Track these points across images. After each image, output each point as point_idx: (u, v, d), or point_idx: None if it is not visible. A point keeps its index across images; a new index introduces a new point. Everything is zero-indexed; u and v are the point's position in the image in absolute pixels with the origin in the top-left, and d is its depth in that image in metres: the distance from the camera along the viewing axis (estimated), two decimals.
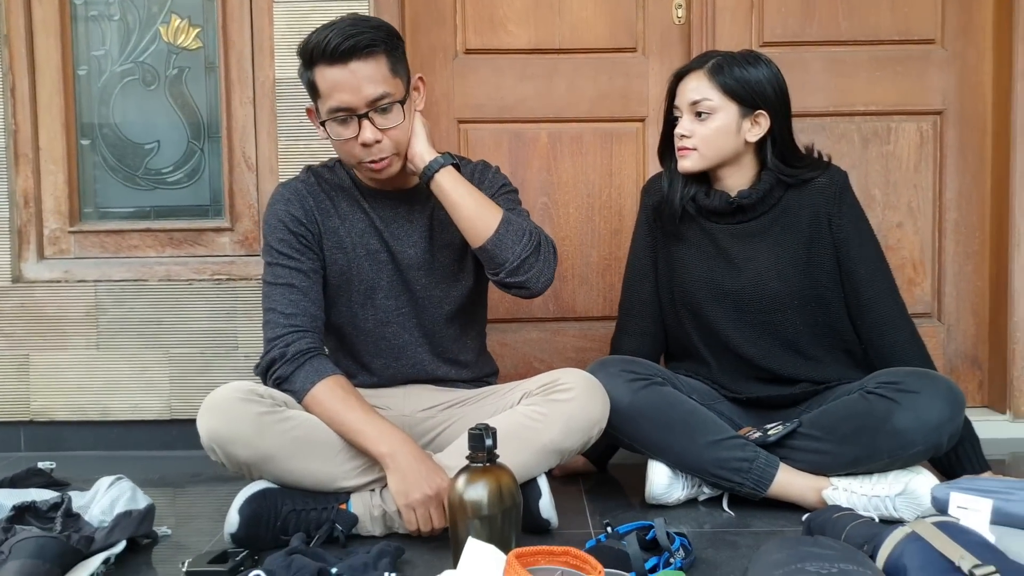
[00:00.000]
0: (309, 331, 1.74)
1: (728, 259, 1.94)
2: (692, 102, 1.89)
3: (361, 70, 1.65)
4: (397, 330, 1.85)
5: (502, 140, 2.50)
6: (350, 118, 1.68)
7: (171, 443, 2.41)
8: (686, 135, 1.90)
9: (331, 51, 1.63)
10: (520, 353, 2.52)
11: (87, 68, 2.47)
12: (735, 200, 1.92)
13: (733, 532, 1.70)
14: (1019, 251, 2.39)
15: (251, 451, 1.61)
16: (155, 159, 2.50)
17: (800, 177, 1.92)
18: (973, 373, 2.53)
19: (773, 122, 1.90)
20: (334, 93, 1.66)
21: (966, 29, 2.47)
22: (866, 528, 1.43)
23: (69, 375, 2.42)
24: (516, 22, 2.48)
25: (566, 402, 1.68)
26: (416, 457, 1.62)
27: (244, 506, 1.60)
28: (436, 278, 1.85)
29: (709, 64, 1.90)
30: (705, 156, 1.90)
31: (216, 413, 1.61)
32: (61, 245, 2.47)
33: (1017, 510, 1.40)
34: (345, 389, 1.69)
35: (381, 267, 1.83)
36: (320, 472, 1.65)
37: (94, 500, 1.69)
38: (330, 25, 1.66)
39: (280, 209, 1.81)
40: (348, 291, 1.83)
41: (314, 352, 1.72)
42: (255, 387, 1.66)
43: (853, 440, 1.73)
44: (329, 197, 1.84)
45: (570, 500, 1.91)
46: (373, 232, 1.83)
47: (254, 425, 1.60)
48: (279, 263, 1.78)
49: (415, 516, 1.59)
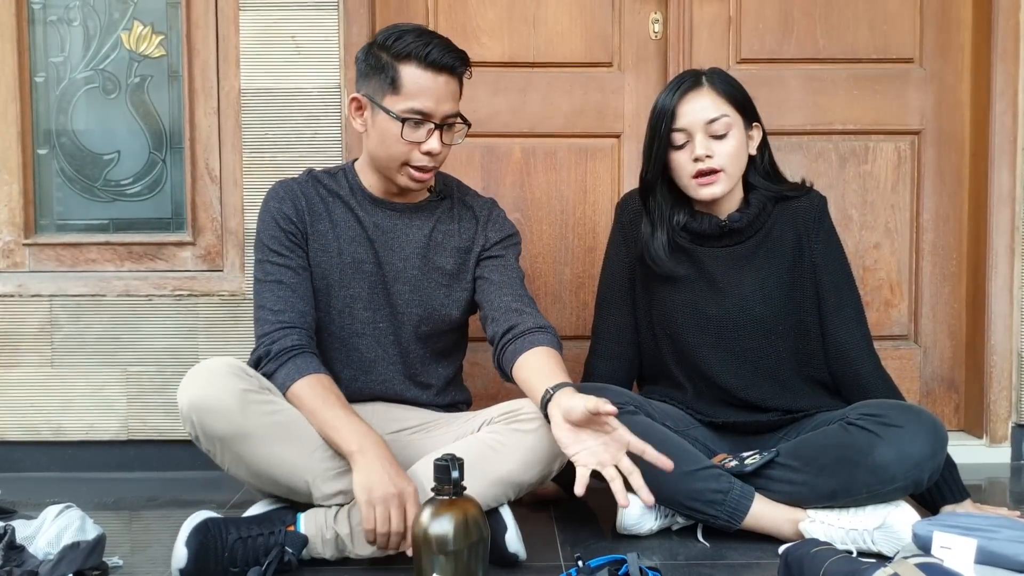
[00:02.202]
0: (297, 327, 1.73)
1: (712, 283, 1.90)
2: (709, 120, 1.81)
3: (449, 85, 1.74)
4: (370, 343, 1.83)
5: (475, 155, 2.45)
6: (423, 123, 1.72)
7: (127, 464, 2.33)
8: (709, 155, 1.80)
9: (433, 59, 1.70)
10: (491, 373, 2.44)
11: (45, 75, 2.39)
12: (726, 224, 1.87)
13: (708, 564, 1.65)
14: (996, 273, 2.37)
15: (230, 426, 1.58)
16: (115, 170, 2.42)
17: (784, 193, 1.89)
18: (950, 396, 2.51)
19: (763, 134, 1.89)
20: (420, 96, 1.71)
21: (945, 49, 2.45)
22: (846, 564, 1.39)
23: (21, 393, 2.33)
24: (490, 34, 2.43)
25: (528, 433, 1.64)
26: (386, 458, 1.57)
27: (191, 538, 1.54)
28: (420, 296, 1.84)
29: (706, 78, 1.84)
30: (731, 176, 1.83)
31: (200, 382, 1.59)
32: (15, 258, 2.38)
33: (1001, 549, 1.37)
34: (326, 387, 1.67)
35: (364, 277, 1.82)
36: (294, 463, 1.61)
37: (40, 530, 1.61)
38: (426, 33, 1.73)
39: (273, 206, 1.81)
40: (327, 297, 1.82)
41: (298, 349, 1.70)
42: (244, 365, 1.64)
43: (831, 472, 1.69)
44: (323, 201, 1.84)
45: (539, 528, 1.85)
46: (363, 241, 1.82)
47: (238, 399, 1.57)
48: (269, 260, 1.78)
49: (375, 514, 1.52)
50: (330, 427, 1.61)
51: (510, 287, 1.82)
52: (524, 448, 1.63)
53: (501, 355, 1.74)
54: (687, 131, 1.82)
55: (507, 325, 1.74)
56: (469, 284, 1.87)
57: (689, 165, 1.83)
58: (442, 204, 1.89)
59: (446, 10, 2.42)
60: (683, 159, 1.84)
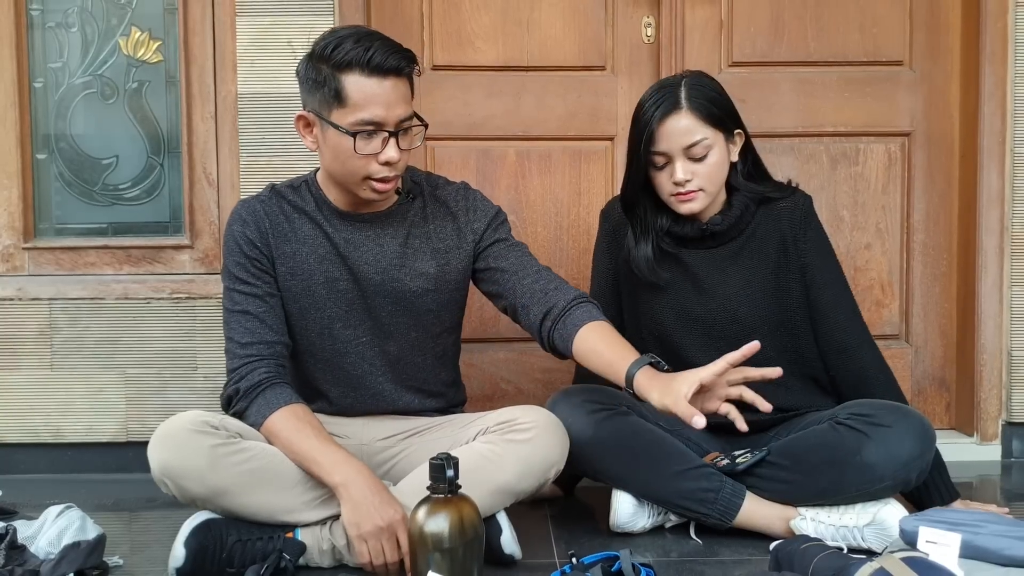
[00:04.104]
0: (265, 358, 1.70)
1: (697, 285, 1.91)
2: (687, 146, 1.81)
3: (398, 88, 1.64)
4: (355, 360, 1.80)
5: (470, 158, 2.47)
6: (375, 133, 1.64)
7: (126, 466, 2.34)
8: (687, 179, 1.81)
9: (377, 63, 1.60)
10: (487, 374, 2.48)
11: (44, 80, 2.41)
12: (707, 227, 1.89)
13: (700, 561, 1.68)
14: (986, 273, 2.40)
15: (203, 486, 1.56)
16: (113, 174, 2.44)
17: (766, 194, 1.90)
18: (940, 395, 2.53)
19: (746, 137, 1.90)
20: (368, 106, 1.62)
21: (934, 51, 2.47)
22: (834, 559, 1.41)
23: (21, 396, 2.34)
24: (484, 39, 2.45)
25: (523, 443, 1.64)
26: (371, 488, 1.57)
27: (190, 539, 1.56)
28: (404, 306, 1.79)
29: (684, 98, 1.81)
30: (710, 193, 1.85)
31: (168, 445, 1.57)
32: (15, 262, 2.40)
33: (986, 544, 1.39)
34: (300, 417, 1.64)
35: (340, 296, 1.77)
36: (276, 505, 1.60)
37: (41, 531, 1.63)
38: (365, 36, 1.64)
39: (237, 230, 1.76)
40: (302, 320, 1.78)
41: (267, 383, 1.67)
42: (208, 418, 1.61)
43: (821, 471, 1.71)
44: (288, 219, 1.78)
45: (534, 526, 1.87)
46: (334, 257, 1.77)
47: (207, 458, 1.55)
48: (236, 288, 1.74)
49: (367, 548, 1.54)
50: (309, 460, 1.59)
51: (524, 268, 1.78)
52: (520, 458, 1.63)
53: (551, 342, 1.70)
54: (666, 155, 1.83)
55: (543, 310, 1.71)
56: (460, 283, 1.83)
57: (669, 185, 1.84)
58: (413, 206, 1.81)
59: (440, 15, 2.44)
60: (663, 179, 1.85)
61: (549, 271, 1.79)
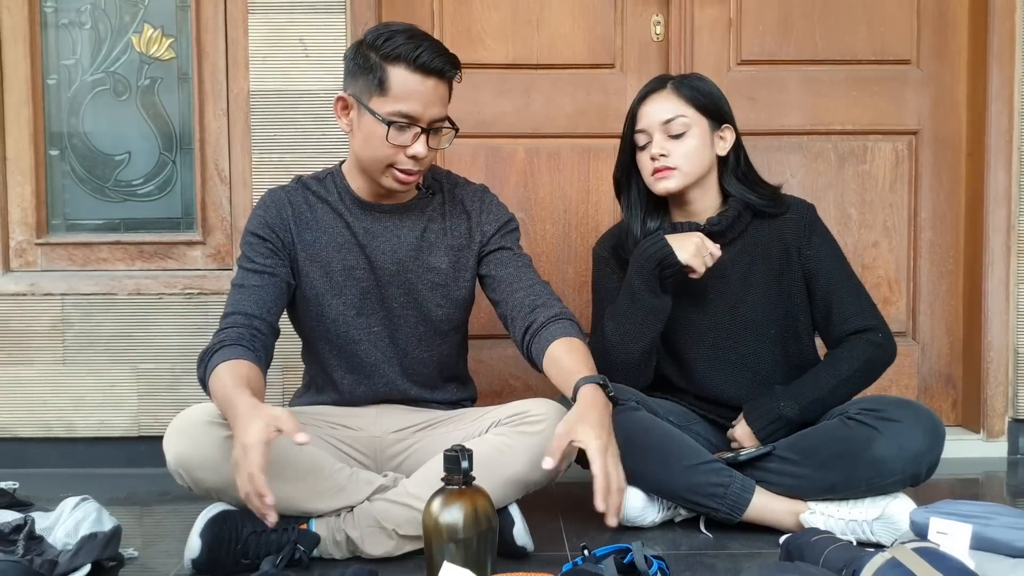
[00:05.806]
0: (239, 327, 1.67)
1: (699, 292, 1.92)
2: (665, 120, 1.86)
3: (438, 89, 1.69)
4: (368, 348, 1.82)
5: (479, 155, 2.48)
6: (409, 127, 1.68)
7: (139, 460, 2.36)
8: (664, 154, 1.86)
9: (423, 61, 1.65)
10: (495, 370, 2.50)
11: (57, 77, 2.43)
12: (705, 227, 1.90)
13: (711, 555, 1.69)
14: (993, 271, 2.41)
15: (218, 476, 1.56)
16: (126, 171, 2.46)
17: (765, 209, 1.91)
18: (947, 392, 2.54)
19: (736, 137, 1.91)
20: (408, 100, 1.67)
21: (942, 50, 2.48)
22: (845, 552, 1.42)
23: (34, 391, 2.36)
24: (494, 37, 2.47)
25: (534, 435, 1.65)
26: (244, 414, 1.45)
27: (206, 530, 1.57)
28: (415, 298, 1.82)
29: (671, 83, 1.89)
30: (687, 174, 1.87)
31: (183, 437, 1.58)
32: (27, 257, 2.42)
33: (996, 535, 1.40)
34: (230, 371, 1.56)
35: (356, 284, 1.80)
36: (289, 495, 1.60)
37: (58, 522, 1.64)
38: (416, 35, 1.69)
39: (259, 213, 1.80)
40: (320, 305, 1.81)
41: (218, 345, 1.62)
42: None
43: (831, 466, 1.72)
44: (311, 208, 1.81)
45: (546, 520, 1.88)
46: (353, 245, 1.80)
47: (222, 450, 1.55)
48: (243, 266, 1.77)
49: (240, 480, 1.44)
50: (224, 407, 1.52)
51: (520, 281, 1.80)
52: (531, 449, 1.64)
53: (529, 355, 1.73)
54: (647, 132, 1.88)
55: (525, 324, 1.73)
56: (469, 282, 1.86)
57: (649, 164, 1.88)
58: (432, 201, 1.85)
59: (451, 13, 2.46)
60: (644, 159, 1.89)
61: (545, 286, 1.80)
